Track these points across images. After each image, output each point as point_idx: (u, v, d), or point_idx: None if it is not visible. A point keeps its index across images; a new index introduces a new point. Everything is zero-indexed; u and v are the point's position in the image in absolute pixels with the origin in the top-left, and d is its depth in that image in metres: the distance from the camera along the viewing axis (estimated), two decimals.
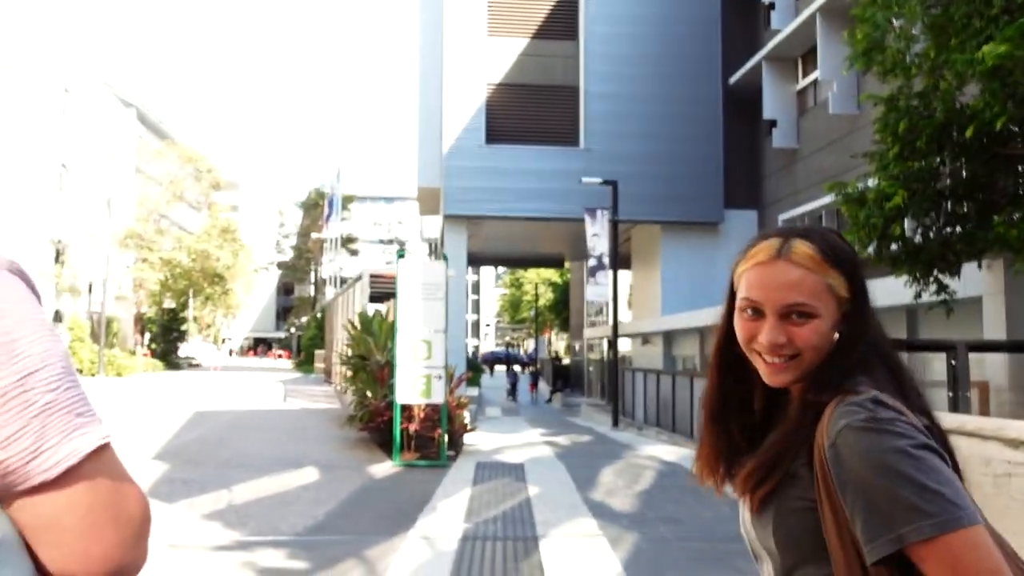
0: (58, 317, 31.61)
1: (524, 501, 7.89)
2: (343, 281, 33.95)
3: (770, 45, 24.20)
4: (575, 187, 26.15)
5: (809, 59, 24.35)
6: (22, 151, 30.09)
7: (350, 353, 13.52)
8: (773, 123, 24.86)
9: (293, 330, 71.79)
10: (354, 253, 51.06)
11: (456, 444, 11.70)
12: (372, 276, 14.50)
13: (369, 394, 11.88)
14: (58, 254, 32.78)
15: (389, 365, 11.34)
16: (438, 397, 10.05)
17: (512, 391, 38.28)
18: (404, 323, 9.98)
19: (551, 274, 61.16)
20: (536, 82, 27.20)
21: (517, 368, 49.73)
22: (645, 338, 28.98)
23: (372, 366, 11.32)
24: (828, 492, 1.13)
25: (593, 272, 20.00)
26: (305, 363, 42.36)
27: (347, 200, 42.69)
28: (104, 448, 0.87)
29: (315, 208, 50.34)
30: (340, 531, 6.60)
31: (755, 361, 1.28)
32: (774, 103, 24.78)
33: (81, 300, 33.36)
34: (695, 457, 1.39)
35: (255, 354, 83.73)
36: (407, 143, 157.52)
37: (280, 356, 46.63)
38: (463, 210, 26.40)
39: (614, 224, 19.77)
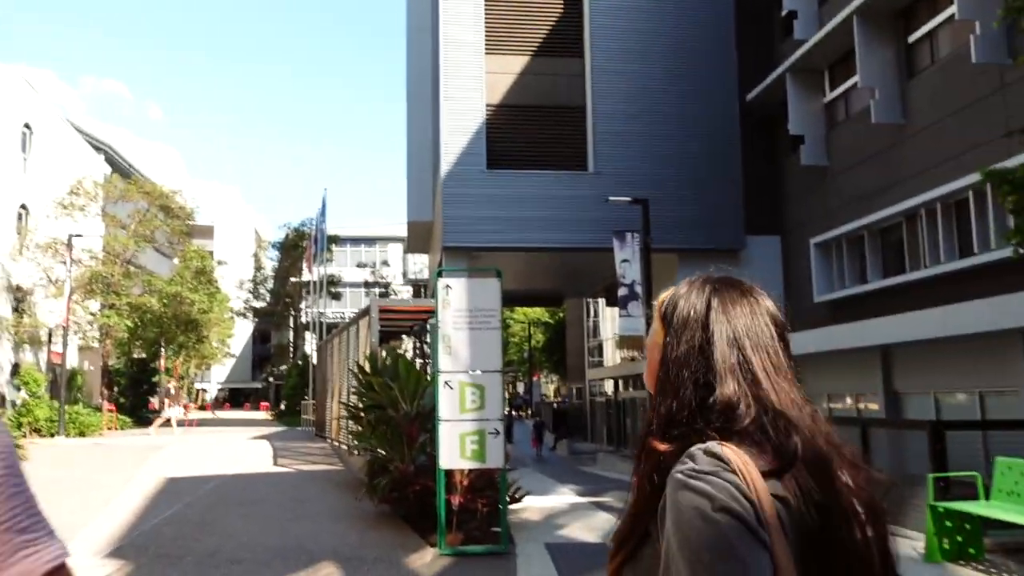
0: (15, 371, 28.70)
1: None
2: (331, 327, 31.34)
3: (795, 56, 22.31)
4: (584, 214, 23.99)
5: (838, 69, 22.47)
6: None
7: (360, 404, 11.02)
8: (800, 139, 22.91)
9: (271, 379, 68.81)
10: (336, 297, 48.36)
11: (499, 517, 9.20)
12: (382, 310, 12.04)
13: (384, 453, 9.36)
14: (18, 302, 29.98)
15: (420, 418, 8.87)
16: (495, 460, 7.58)
17: (507, 436, 35.67)
18: (447, 361, 7.54)
19: (539, 314, 58.78)
20: (539, 103, 25.11)
21: (513, 412, 47.07)
22: None
23: (399, 420, 8.83)
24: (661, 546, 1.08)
25: (624, 303, 17.68)
26: (286, 414, 39.50)
27: (330, 240, 40.20)
28: (58, 571, 0.70)
29: (295, 249, 47.71)
30: None
31: None
32: (800, 118, 22.84)
33: (42, 352, 30.48)
34: None
35: (229, 407, 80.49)
36: (391, 178, 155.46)
37: (264, 406, 43.47)
38: (463, 241, 24.06)
39: (646, 248, 17.47)
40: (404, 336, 22.32)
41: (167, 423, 27.62)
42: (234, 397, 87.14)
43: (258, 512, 9.58)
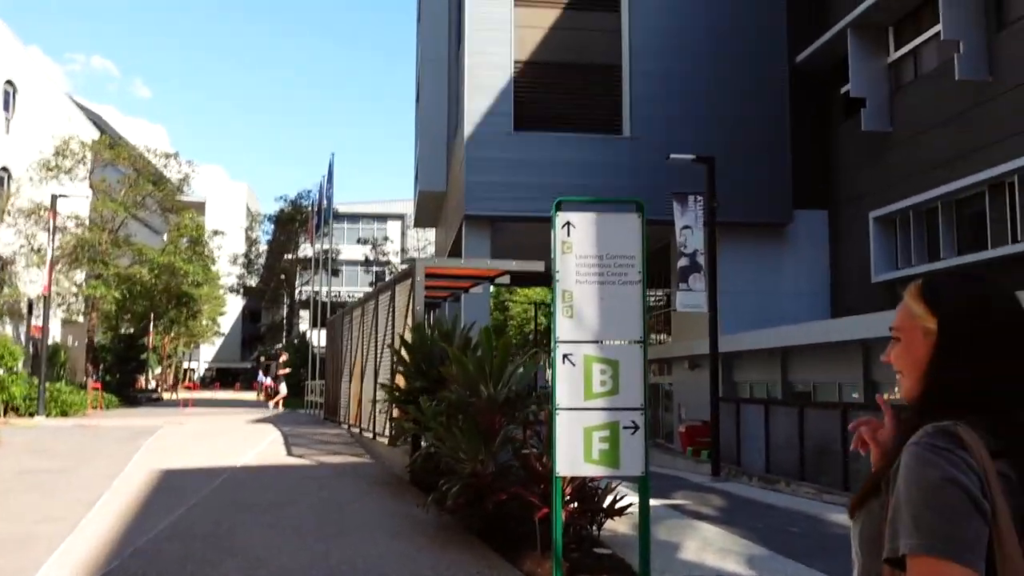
0: None
1: None
2: (335, 306, 29.22)
3: (859, 9, 20.19)
4: (617, 182, 21.91)
5: (906, 25, 20.39)
6: None
7: (409, 385, 8.98)
8: (860, 103, 20.82)
9: (263, 359, 66.73)
10: (335, 273, 46.08)
11: (588, 536, 7.16)
12: (429, 273, 9.92)
13: (447, 448, 7.24)
14: None
15: (507, 404, 6.79)
16: (633, 465, 5.49)
17: None
18: (568, 327, 5.46)
19: (543, 295, 56.52)
20: (572, 60, 22.92)
21: None
22: (693, 362, 24.61)
23: (480, 407, 6.73)
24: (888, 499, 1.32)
25: (684, 275, 15.59)
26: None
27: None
28: None
29: (291, 223, 45.34)
30: None
31: None
32: (862, 79, 20.74)
33: (22, 325, 28.23)
34: None
35: (219, 387, 78.53)
36: (389, 153, 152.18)
37: (270, 386, 40.82)
38: (486, 209, 21.98)
39: (711, 213, 15.39)
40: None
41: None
42: (223, 377, 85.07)
43: (287, 521, 7.47)
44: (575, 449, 5.38)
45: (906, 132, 20.00)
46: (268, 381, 53.60)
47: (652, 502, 11.24)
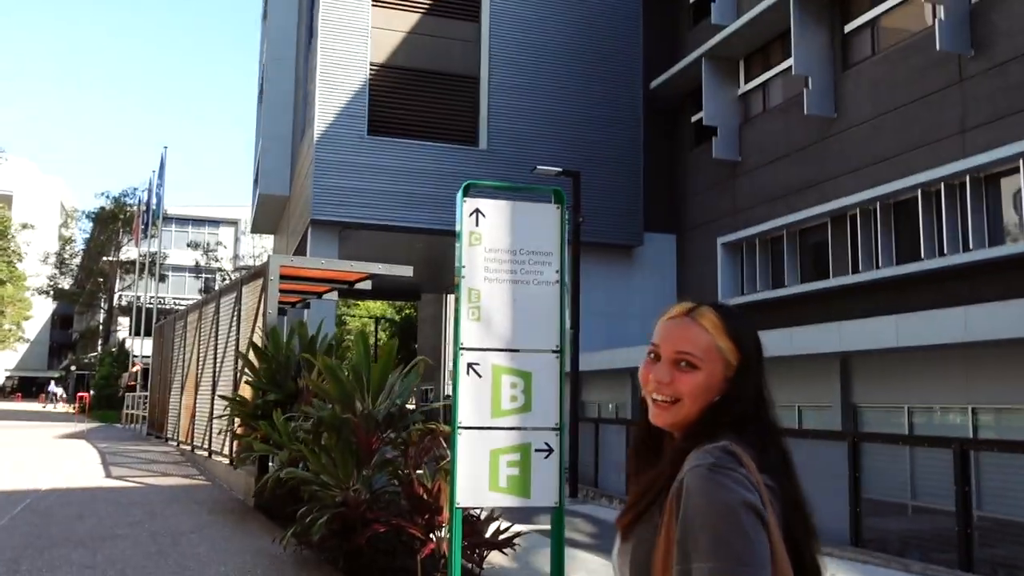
0: None
1: None
2: (161, 313, 27.01)
3: (714, 40, 20.70)
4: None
5: (756, 59, 21.09)
6: None
7: (249, 397, 7.94)
8: (712, 131, 21.32)
9: (73, 368, 61.53)
10: (162, 279, 42.90)
11: (469, 572, 6.42)
12: (284, 274, 8.86)
13: (312, 473, 6.28)
14: None
15: (387, 422, 5.93)
16: (546, 494, 4.78)
17: None
18: (474, 331, 4.72)
19: (382, 309, 55.13)
20: (430, 67, 22.20)
21: None
22: None
23: (356, 424, 5.80)
24: (669, 522, 1.32)
25: None
26: (99, 408, 34.22)
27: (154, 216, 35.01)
28: None
29: (113, 222, 41.78)
30: None
31: (649, 405, 1.50)
32: (714, 109, 21.24)
33: None
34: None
35: (20, 398, 71.78)
36: (221, 155, 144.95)
37: (81, 398, 36.74)
38: (335, 215, 20.82)
39: (576, 229, 15.07)
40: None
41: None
42: (26, 387, 77.87)
43: (109, 560, 6.21)
44: (479, 475, 4.63)
45: (754, 162, 20.61)
46: (60, 391, 49.32)
47: (524, 528, 10.52)
